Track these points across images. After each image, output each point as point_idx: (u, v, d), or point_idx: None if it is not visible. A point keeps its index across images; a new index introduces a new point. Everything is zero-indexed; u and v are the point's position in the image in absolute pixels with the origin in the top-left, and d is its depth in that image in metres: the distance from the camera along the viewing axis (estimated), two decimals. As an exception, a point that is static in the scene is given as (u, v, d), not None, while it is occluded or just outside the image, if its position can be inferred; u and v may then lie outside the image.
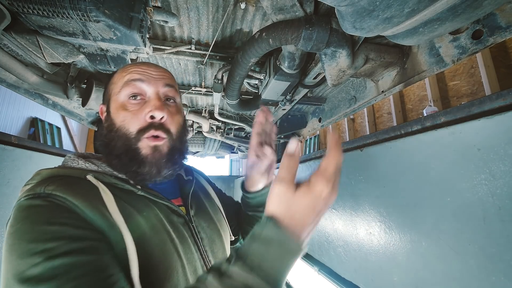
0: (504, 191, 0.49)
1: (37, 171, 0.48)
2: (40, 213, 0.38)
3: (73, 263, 0.35)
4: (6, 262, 0.35)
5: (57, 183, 0.43)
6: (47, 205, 0.39)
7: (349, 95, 1.67)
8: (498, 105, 0.52)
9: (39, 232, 0.36)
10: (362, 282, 0.88)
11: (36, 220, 0.37)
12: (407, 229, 0.70)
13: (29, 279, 0.33)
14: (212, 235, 0.61)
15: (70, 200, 0.41)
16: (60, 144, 5.48)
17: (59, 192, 0.41)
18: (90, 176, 0.47)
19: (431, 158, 0.64)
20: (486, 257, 0.51)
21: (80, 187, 0.44)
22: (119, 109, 0.53)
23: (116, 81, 0.57)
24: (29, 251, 0.34)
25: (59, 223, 0.37)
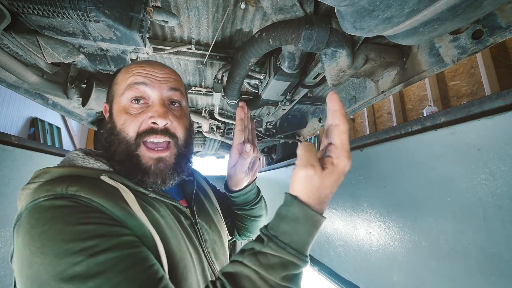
0: (504, 191, 0.49)
1: (44, 168, 0.45)
2: (69, 213, 0.37)
3: (117, 257, 0.35)
4: (37, 264, 0.33)
5: (79, 184, 0.41)
6: (74, 205, 0.38)
7: (349, 95, 1.68)
8: (498, 105, 0.52)
9: (74, 232, 0.35)
10: (362, 282, 0.88)
11: (68, 221, 0.36)
12: (407, 229, 0.70)
13: (74, 277, 0.32)
14: (213, 237, 0.61)
15: (96, 201, 0.40)
16: (60, 144, 5.48)
17: (83, 193, 0.40)
18: (105, 177, 0.46)
19: (431, 158, 0.64)
20: (486, 257, 0.51)
21: (101, 188, 0.43)
22: (121, 112, 0.51)
23: (119, 81, 0.55)
24: (67, 251, 0.33)
25: (92, 223, 0.37)
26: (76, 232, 0.35)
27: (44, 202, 0.38)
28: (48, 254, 0.33)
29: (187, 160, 0.57)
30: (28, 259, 0.34)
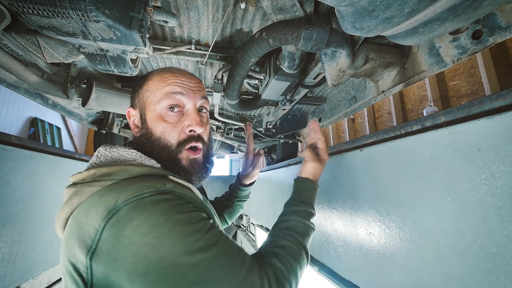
0: (504, 191, 0.49)
1: (119, 166, 0.48)
2: (177, 205, 0.44)
3: (219, 232, 0.46)
4: (165, 246, 0.39)
5: (171, 184, 0.47)
6: (178, 199, 0.45)
7: (349, 95, 1.68)
8: (498, 105, 0.52)
9: (188, 218, 0.43)
10: (362, 282, 0.88)
11: (179, 210, 0.43)
12: (407, 229, 0.70)
13: (200, 249, 0.41)
14: None
15: (187, 194, 0.48)
16: (60, 144, 5.48)
17: (178, 189, 0.47)
18: (173, 177, 0.50)
19: (431, 158, 0.64)
20: (486, 257, 0.51)
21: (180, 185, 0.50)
22: (158, 119, 0.56)
23: (153, 89, 0.57)
24: (190, 231, 0.41)
25: (194, 211, 0.45)
26: (189, 218, 0.43)
27: (151, 197, 0.43)
28: (176, 236, 0.40)
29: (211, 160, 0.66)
30: (150, 244, 0.39)
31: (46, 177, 1.20)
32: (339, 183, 1.03)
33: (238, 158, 8.49)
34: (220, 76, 1.44)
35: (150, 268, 0.38)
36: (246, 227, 3.59)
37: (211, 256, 0.41)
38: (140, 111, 0.59)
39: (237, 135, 2.81)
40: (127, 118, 0.62)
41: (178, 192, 0.47)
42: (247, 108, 1.74)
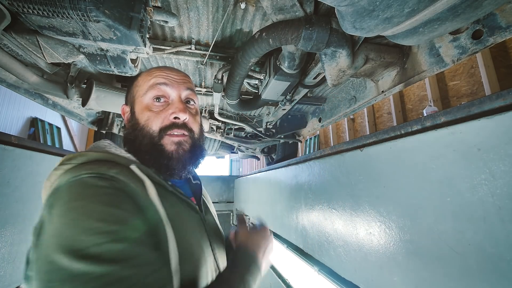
0: (504, 191, 0.49)
1: (78, 152, 0.48)
2: (108, 194, 0.39)
3: (133, 250, 0.36)
4: (58, 233, 0.34)
5: (117, 169, 0.45)
6: (112, 187, 0.41)
7: (349, 95, 1.68)
8: (498, 105, 0.52)
9: (107, 213, 0.37)
10: (362, 282, 0.88)
11: (105, 201, 0.38)
12: (407, 229, 0.70)
13: (90, 257, 0.33)
14: (217, 237, 0.65)
15: (131, 186, 0.43)
16: (60, 144, 5.48)
17: (122, 177, 0.43)
18: (134, 167, 0.49)
19: (431, 158, 0.64)
20: (486, 257, 0.51)
21: (130, 175, 0.46)
22: (144, 109, 0.57)
23: (141, 83, 0.60)
24: (95, 229, 0.34)
25: (123, 209, 0.39)
26: (109, 213, 0.37)
27: (88, 178, 0.41)
28: (76, 227, 0.35)
29: (201, 151, 0.63)
30: (52, 226, 0.35)
31: (46, 177, 1.20)
32: (339, 183, 1.03)
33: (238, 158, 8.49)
34: (220, 76, 1.44)
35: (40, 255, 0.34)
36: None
37: (96, 274, 0.32)
38: (131, 106, 0.62)
39: (237, 135, 2.81)
40: (122, 116, 0.64)
41: (122, 180, 0.43)
42: (247, 108, 1.74)
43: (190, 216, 0.55)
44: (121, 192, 0.41)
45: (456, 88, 3.13)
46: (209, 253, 0.56)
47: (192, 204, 0.58)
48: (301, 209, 1.41)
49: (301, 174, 1.43)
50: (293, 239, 1.55)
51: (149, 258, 0.37)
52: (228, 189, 4.19)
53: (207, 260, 0.53)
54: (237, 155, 3.73)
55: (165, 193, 0.51)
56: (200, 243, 0.53)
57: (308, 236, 1.31)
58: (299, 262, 1.43)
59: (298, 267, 1.50)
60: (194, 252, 0.50)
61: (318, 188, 1.21)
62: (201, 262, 0.51)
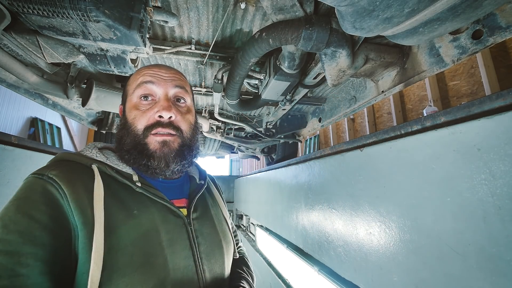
0: (504, 191, 0.49)
1: (62, 152, 0.54)
2: (27, 199, 0.42)
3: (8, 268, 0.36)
4: None
5: (60, 169, 0.47)
6: (38, 191, 0.43)
7: (349, 95, 1.68)
8: (498, 105, 0.52)
9: (12, 221, 0.40)
10: (362, 282, 0.88)
11: (20, 206, 0.41)
12: (407, 229, 0.70)
13: None
14: (212, 244, 0.59)
15: (63, 188, 0.44)
16: (60, 144, 5.47)
17: (57, 178, 0.45)
18: (94, 167, 0.51)
19: (431, 158, 0.64)
20: (486, 257, 0.51)
21: (78, 176, 0.48)
22: (132, 108, 0.58)
23: (131, 83, 0.61)
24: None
25: (31, 217, 0.41)
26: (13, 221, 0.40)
27: (31, 178, 0.45)
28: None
29: (191, 150, 0.61)
30: None
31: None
32: (339, 183, 1.03)
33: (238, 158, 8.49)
34: (220, 76, 1.44)
35: None
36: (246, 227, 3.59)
37: None
38: (123, 105, 0.62)
39: (237, 135, 2.81)
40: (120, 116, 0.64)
41: (56, 182, 0.44)
42: (247, 108, 1.74)
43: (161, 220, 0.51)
44: (45, 196, 0.43)
45: (456, 88, 3.13)
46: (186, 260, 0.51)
47: (169, 206, 0.55)
48: (301, 209, 1.41)
49: (301, 174, 1.43)
50: (293, 239, 1.55)
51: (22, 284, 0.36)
52: (228, 189, 4.19)
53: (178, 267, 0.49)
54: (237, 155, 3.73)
55: (125, 195, 0.51)
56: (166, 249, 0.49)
57: (308, 236, 1.31)
58: (299, 262, 1.43)
59: (298, 267, 1.50)
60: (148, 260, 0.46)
61: (318, 188, 1.21)
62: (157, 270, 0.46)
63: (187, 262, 0.51)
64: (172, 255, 0.50)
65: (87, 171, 0.50)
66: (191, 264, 0.52)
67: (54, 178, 0.45)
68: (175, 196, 0.61)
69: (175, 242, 0.51)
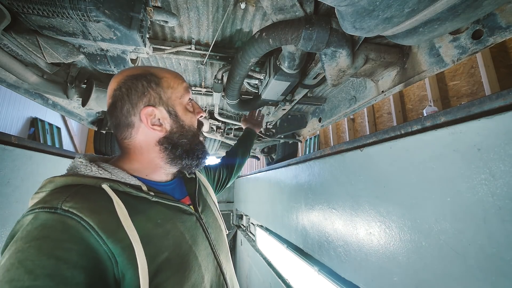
0: (504, 191, 0.49)
1: (49, 178, 0.47)
2: (49, 239, 0.38)
3: None
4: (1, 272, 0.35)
5: (75, 199, 0.43)
6: (59, 228, 0.39)
7: (349, 95, 1.68)
8: (498, 105, 0.52)
9: (37, 265, 0.36)
10: (362, 282, 0.88)
11: (42, 248, 0.37)
12: (407, 229, 0.70)
13: None
14: (216, 229, 0.67)
15: (86, 220, 0.41)
16: (60, 144, 5.47)
17: (76, 210, 0.41)
18: (106, 186, 0.48)
19: (431, 158, 0.64)
20: (486, 257, 0.51)
21: (96, 202, 0.45)
22: (185, 111, 0.61)
23: (174, 85, 0.60)
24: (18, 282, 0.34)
25: (58, 258, 0.37)
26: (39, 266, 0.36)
27: (41, 213, 0.40)
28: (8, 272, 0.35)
29: None
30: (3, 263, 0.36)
31: (46, 177, 1.20)
32: (339, 183, 1.03)
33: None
34: (220, 76, 1.44)
35: None
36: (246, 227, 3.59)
37: None
38: (167, 108, 0.58)
39: (237, 135, 2.81)
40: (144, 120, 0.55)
41: (75, 214, 0.41)
42: (247, 108, 1.74)
43: (180, 222, 0.55)
44: (66, 234, 0.39)
45: (456, 88, 3.13)
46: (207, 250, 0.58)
47: (183, 207, 0.59)
48: (301, 209, 1.41)
49: (301, 174, 1.43)
50: (293, 239, 1.55)
51: None
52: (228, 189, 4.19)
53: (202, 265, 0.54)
54: (237, 155, 3.71)
55: (144, 207, 0.51)
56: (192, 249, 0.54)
57: (308, 236, 1.31)
58: (299, 262, 1.43)
59: (298, 267, 1.50)
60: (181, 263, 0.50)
61: (318, 188, 1.21)
62: (191, 270, 0.51)
63: (208, 251, 0.59)
64: (197, 249, 0.56)
65: (98, 192, 0.47)
66: (210, 252, 0.60)
67: (71, 210, 0.41)
68: (181, 196, 0.65)
69: (196, 237, 0.57)
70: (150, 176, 0.58)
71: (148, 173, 0.58)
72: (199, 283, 0.52)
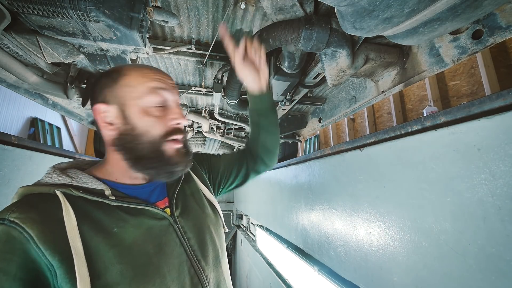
0: (504, 191, 0.49)
1: (20, 188, 0.48)
2: None
3: None
4: None
5: (21, 208, 0.43)
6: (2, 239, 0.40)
7: (349, 95, 1.68)
8: (498, 105, 0.52)
9: None
10: (362, 282, 0.88)
11: None
12: (407, 229, 0.70)
13: None
14: (200, 233, 0.60)
15: (27, 230, 0.41)
16: (60, 144, 5.48)
17: (19, 221, 0.41)
18: (59, 192, 0.47)
19: (431, 158, 0.64)
20: (486, 257, 0.51)
21: (42, 210, 0.44)
22: (142, 114, 0.54)
23: (134, 84, 0.55)
24: None
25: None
26: None
27: None
28: None
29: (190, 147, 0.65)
30: None
31: (46, 177, 1.20)
32: (339, 183, 1.03)
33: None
34: (220, 76, 1.44)
35: None
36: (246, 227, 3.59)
37: None
38: (120, 107, 0.54)
39: (237, 135, 2.81)
40: (95, 116, 0.55)
41: (19, 225, 0.41)
42: (247, 108, 1.74)
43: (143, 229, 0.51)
44: (8, 246, 0.40)
45: (456, 88, 3.13)
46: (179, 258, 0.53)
47: (152, 210, 0.54)
48: (301, 209, 1.41)
49: (301, 174, 1.43)
50: (293, 239, 1.55)
51: None
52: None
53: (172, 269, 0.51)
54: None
55: (100, 214, 0.49)
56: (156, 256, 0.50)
57: (308, 236, 1.31)
58: (299, 262, 1.43)
59: (298, 267, 1.50)
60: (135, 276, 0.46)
61: (318, 188, 1.21)
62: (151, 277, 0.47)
63: (182, 258, 0.53)
64: (162, 258, 0.50)
65: (52, 199, 0.46)
66: (185, 259, 0.54)
67: (15, 221, 0.41)
68: (159, 198, 0.60)
69: (163, 245, 0.52)
70: (120, 179, 0.56)
71: (118, 176, 0.56)
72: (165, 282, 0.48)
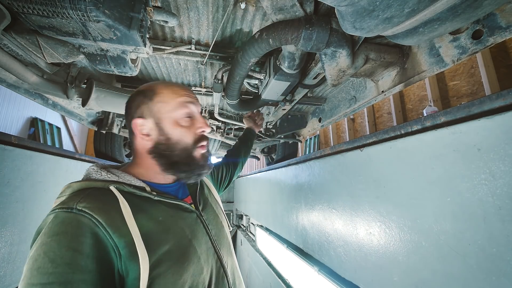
0: (504, 191, 0.49)
1: (68, 184, 0.56)
2: (67, 234, 0.46)
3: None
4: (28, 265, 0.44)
5: (87, 200, 0.50)
6: (74, 225, 0.47)
7: (349, 95, 1.68)
8: (498, 105, 0.52)
9: (58, 256, 0.44)
10: (362, 282, 0.88)
11: (61, 241, 0.45)
12: (407, 229, 0.70)
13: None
14: (217, 225, 0.72)
15: (96, 217, 0.48)
16: (60, 144, 5.48)
17: (88, 209, 0.49)
18: (113, 188, 0.55)
19: (431, 158, 0.64)
20: (486, 257, 0.51)
21: (104, 202, 0.52)
22: (175, 125, 0.64)
23: (166, 100, 0.64)
24: (45, 269, 0.42)
25: (74, 249, 0.45)
26: (59, 256, 0.44)
27: (60, 212, 0.48)
28: (35, 264, 0.43)
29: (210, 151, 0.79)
30: (30, 257, 0.45)
31: (46, 177, 1.20)
32: (339, 183, 1.03)
33: (238, 158, 8.44)
34: (220, 76, 1.44)
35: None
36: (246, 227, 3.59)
37: None
38: (155, 120, 0.64)
39: (237, 135, 2.81)
40: (134, 129, 0.64)
41: (87, 213, 0.48)
42: (247, 108, 1.74)
43: (180, 219, 0.61)
44: (82, 229, 0.47)
45: (456, 88, 3.13)
46: (207, 245, 0.64)
47: (183, 205, 0.64)
48: (301, 209, 1.41)
49: (301, 174, 1.43)
50: (293, 239, 1.55)
51: None
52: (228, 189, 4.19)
53: (203, 252, 0.61)
54: (237, 155, 3.72)
55: (147, 206, 0.57)
56: (191, 243, 0.59)
57: (308, 236, 1.31)
58: (299, 262, 1.43)
59: (298, 267, 1.50)
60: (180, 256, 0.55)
61: (318, 188, 1.21)
62: (189, 263, 0.56)
63: (208, 245, 0.64)
64: (197, 243, 0.61)
65: (107, 193, 0.54)
66: (210, 246, 0.65)
67: (84, 209, 0.48)
68: (184, 196, 0.70)
69: (196, 232, 0.63)
70: (153, 179, 0.64)
71: (151, 177, 0.64)
72: (198, 273, 0.57)
